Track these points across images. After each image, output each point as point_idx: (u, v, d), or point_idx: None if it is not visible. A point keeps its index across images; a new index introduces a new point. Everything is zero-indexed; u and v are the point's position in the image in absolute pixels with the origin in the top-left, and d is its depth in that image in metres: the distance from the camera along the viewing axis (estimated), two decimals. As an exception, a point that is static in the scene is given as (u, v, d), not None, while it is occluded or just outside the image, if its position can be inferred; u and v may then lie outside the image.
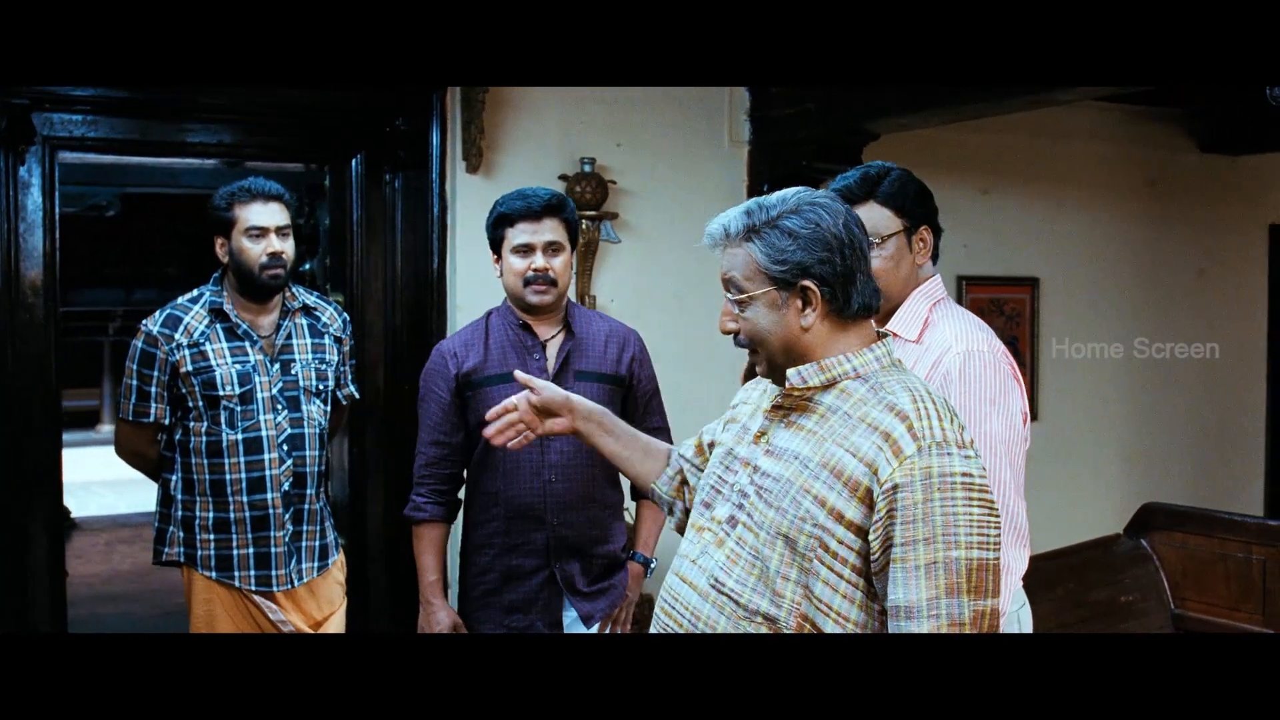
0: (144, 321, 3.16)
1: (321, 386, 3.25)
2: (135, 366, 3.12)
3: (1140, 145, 6.00)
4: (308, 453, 3.18)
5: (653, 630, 1.97)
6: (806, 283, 1.79)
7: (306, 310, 3.29)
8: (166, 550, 3.19)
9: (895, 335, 2.50)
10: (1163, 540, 3.05)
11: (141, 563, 7.45)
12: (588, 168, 4.45)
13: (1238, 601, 2.95)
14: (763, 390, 1.98)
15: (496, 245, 2.95)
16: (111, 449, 3.38)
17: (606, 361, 2.94)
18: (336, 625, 3.29)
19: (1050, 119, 5.20)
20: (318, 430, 3.22)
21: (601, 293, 4.55)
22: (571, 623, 2.92)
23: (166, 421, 3.14)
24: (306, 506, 3.20)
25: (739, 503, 1.87)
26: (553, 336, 2.93)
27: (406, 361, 4.38)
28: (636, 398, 2.98)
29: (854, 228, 1.82)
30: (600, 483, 2.90)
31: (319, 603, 3.26)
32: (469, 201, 4.32)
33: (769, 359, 1.88)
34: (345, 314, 3.45)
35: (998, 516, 1.71)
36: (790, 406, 1.85)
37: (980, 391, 2.32)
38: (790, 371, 1.85)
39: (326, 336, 3.31)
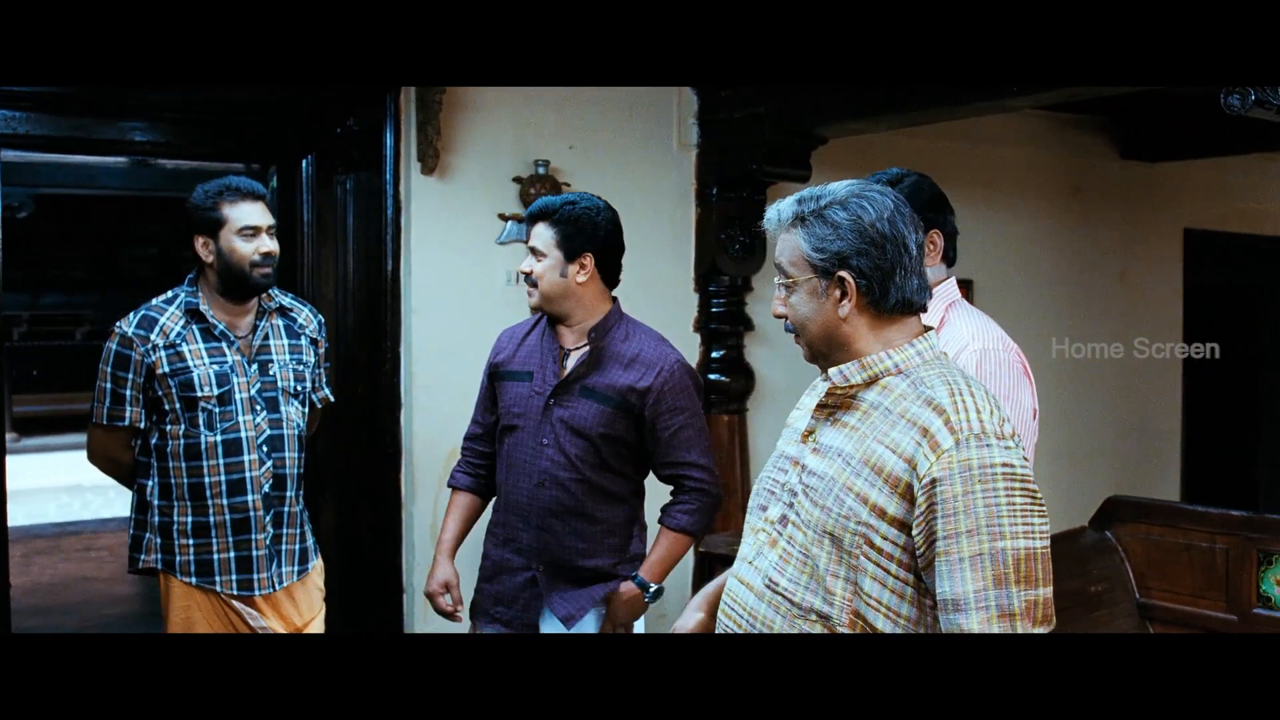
0: (118, 323, 3.09)
1: (299, 388, 3.21)
2: (109, 369, 3.05)
3: (1066, 152, 6.19)
4: (287, 454, 3.15)
5: (717, 631, 1.99)
6: (843, 273, 1.82)
7: (283, 311, 3.25)
8: (143, 557, 3.12)
9: None
10: (1127, 532, 3.16)
11: (63, 574, 7.26)
12: (542, 169, 4.45)
13: (1202, 589, 3.07)
14: (815, 392, 2.02)
15: None
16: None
17: (617, 386, 2.87)
18: (316, 631, 3.26)
19: (983, 126, 5.33)
20: (296, 432, 3.19)
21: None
22: (549, 628, 2.92)
23: (142, 425, 3.08)
24: (286, 509, 3.17)
25: (789, 502, 1.90)
26: (579, 347, 2.94)
27: (359, 365, 4.35)
28: (657, 431, 2.90)
29: (900, 224, 1.83)
30: (595, 497, 2.87)
31: (299, 608, 3.22)
32: (424, 203, 4.30)
33: (809, 345, 1.92)
34: (320, 316, 3.41)
35: (1042, 505, 1.73)
36: (835, 405, 1.88)
37: (994, 387, 2.39)
38: (832, 370, 1.88)
39: (303, 338, 3.27)
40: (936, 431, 1.73)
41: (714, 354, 4.93)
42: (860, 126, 4.57)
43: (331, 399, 3.46)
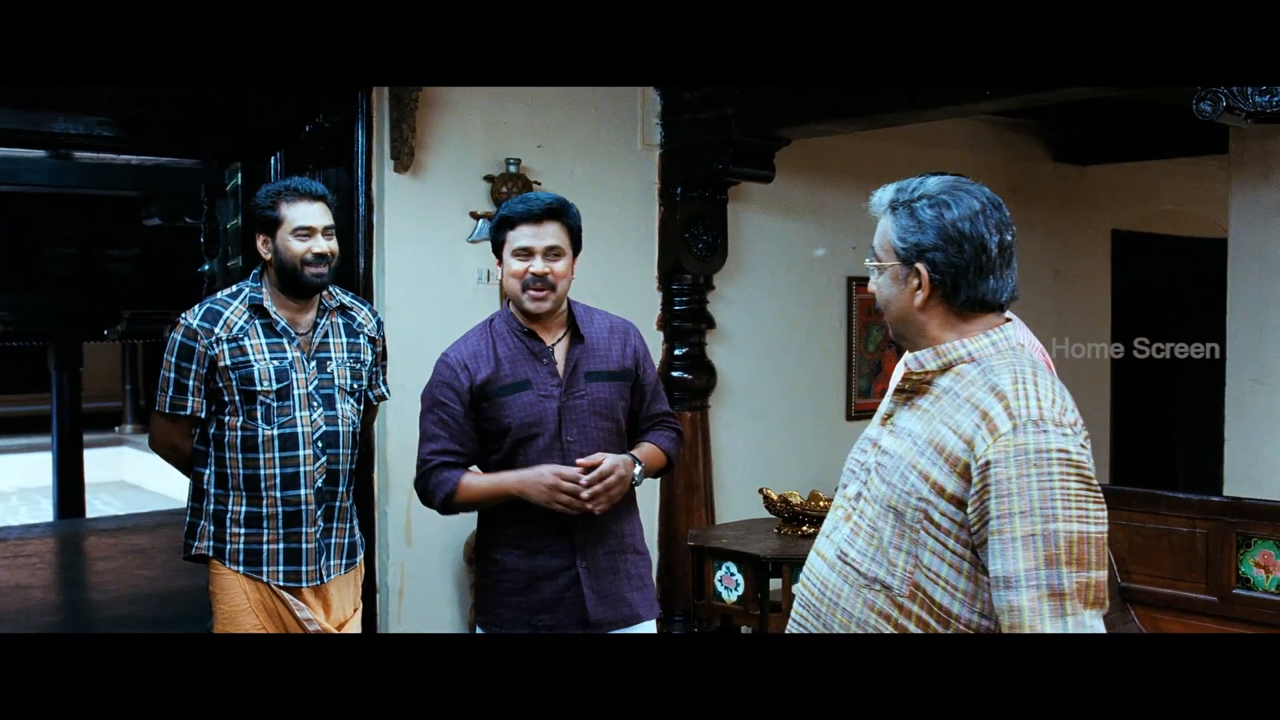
0: (183, 315, 3.13)
1: (356, 385, 3.21)
2: (174, 360, 3.08)
3: (1003, 155, 6.37)
4: (341, 450, 3.16)
5: (795, 603, 2.05)
6: (920, 265, 1.89)
7: (343, 310, 3.27)
8: (196, 544, 3.15)
9: None
10: (1109, 519, 3.26)
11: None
12: (513, 168, 4.47)
13: (1182, 572, 3.20)
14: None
15: (498, 249, 2.92)
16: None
17: (612, 358, 2.94)
18: (354, 628, 3.27)
19: (927, 129, 5.47)
20: (351, 429, 3.19)
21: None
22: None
23: (203, 415, 3.10)
24: (338, 504, 3.18)
25: (864, 479, 1.98)
26: (559, 340, 2.92)
27: (329, 363, 4.31)
28: (643, 387, 3.00)
29: (983, 226, 1.87)
30: None
31: (344, 603, 3.23)
32: (397, 201, 4.28)
33: (890, 325, 2.01)
34: (379, 315, 3.41)
35: (1098, 492, 1.78)
36: (912, 390, 1.96)
37: None
38: (908, 357, 1.97)
39: (361, 336, 3.27)
40: (996, 416, 1.79)
41: (677, 351, 4.99)
42: (825, 128, 4.66)
43: (387, 396, 3.44)
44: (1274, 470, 4.75)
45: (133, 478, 14.28)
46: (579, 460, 2.80)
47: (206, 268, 5.43)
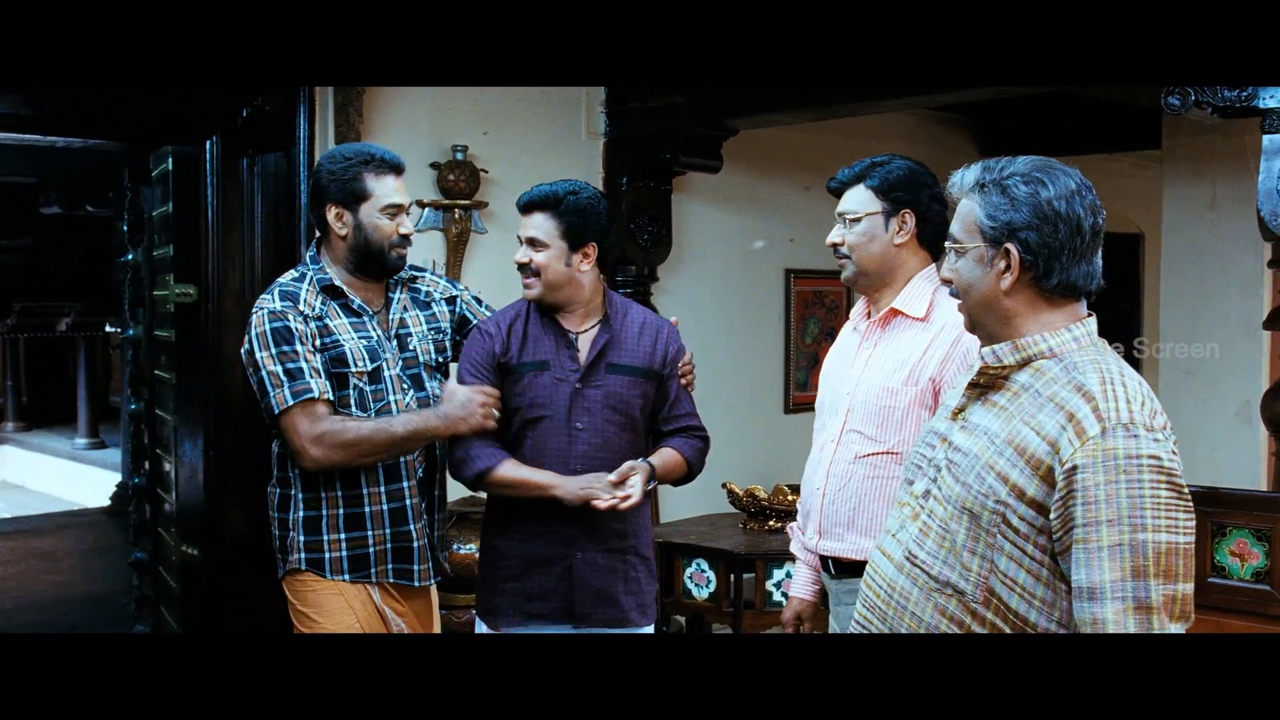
0: (257, 306, 2.80)
1: (441, 360, 2.98)
2: (273, 350, 2.71)
3: (932, 148, 6.40)
4: None
5: (858, 604, 1.97)
6: (1010, 245, 1.81)
7: (407, 282, 3.01)
8: (290, 558, 2.82)
9: (902, 313, 2.62)
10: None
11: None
12: (460, 155, 4.34)
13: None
14: (969, 369, 2.01)
15: None
16: None
17: (640, 354, 2.89)
18: None
19: (860, 122, 5.48)
20: None
21: (470, 284, 4.44)
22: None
23: (331, 397, 2.73)
24: (437, 494, 2.96)
25: (933, 477, 1.89)
26: (585, 330, 2.89)
27: (269, 357, 4.13)
28: (667, 388, 2.94)
29: (1079, 207, 1.81)
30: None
31: (434, 617, 3.03)
32: (342, 188, 4.12)
33: (969, 313, 1.91)
34: (441, 274, 3.13)
35: (1188, 500, 1.71)
36: (987, 384, 1.88)
37: None
38: (984, 350, 1.88)
39: (434, 305, 3.02)
40: (1084, 418, 1.71)
41: (621, 344, 4.90)
42: (777, 118, 4.63)
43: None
44: (1208, 461, 4.86)
45: (14, 477, 13.69)
46: (610, 477, 2.73)
47: (130, 257, 5.17)
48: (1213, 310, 4.98)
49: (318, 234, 2.93)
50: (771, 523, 4.23)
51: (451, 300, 3.08)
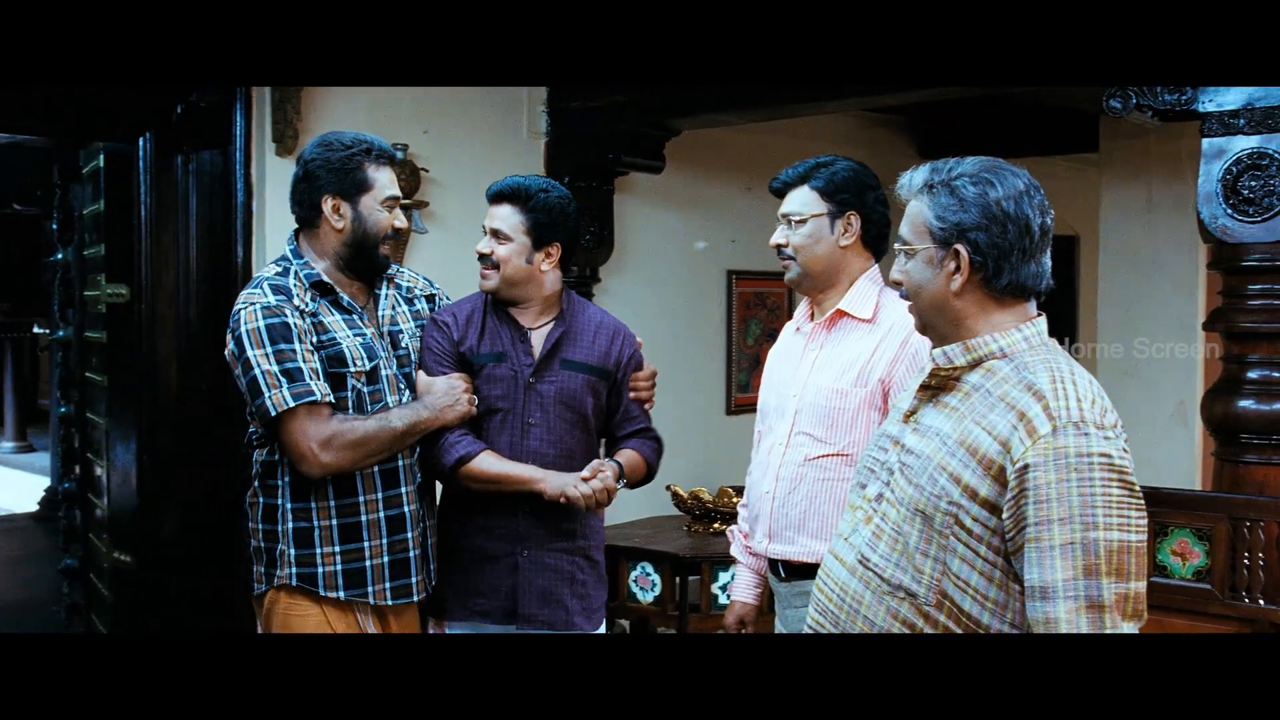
0: (246, 301, 2.58)
1: None
2: (269, 349, 2.51)
3: (872, 150, 6.42)
4: (431, 436, 2.73)
5: (810, 608, 1.95)
6: (959, 246, 1.80)
7: (389, 279, 2.87)
8: (278, 573, 2.63)
9: (848, 315, 2.62)
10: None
11: None
12: (400, 154, 4.26)
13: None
14: (920, 370, 2.00)
15: None
16: None
17: (594, 353, 2.87)
18: None
19: (801, 124, 5.49)
20: None
21: (410, 285, 4.39)
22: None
23: (332, 400, 2.55)
24: (428, 499, 2.84)
25: (886, 480, 1.88)
26: (540, 325, 2.86)
27: (203, 359, 4.05)
28: (620, 391, 2.92)
29: (1028, 207, 1.80)
30: (577, 469, 2.79)
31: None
32: (280, 186, 4.01)
33: (919, 315, 1.91)
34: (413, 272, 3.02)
35: (1140, 498, 1.70)
36: (938, 386, 1.87)
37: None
38: (935, 352, 1.87)
39: (416, 301, 2.90)
40: (1034, 417, 1.71)
41: (563, 346, 4.87)
42: (721, 118, 4.62)
43: None
44: (1143, 461, 4.89)
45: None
46: (583, 474, 2.70)
47: (60, 256, 5.04)
48: (1149, 311, 5.04)
49: (296, 227, 2.77)
50: (716, 525, 4.21)
51: (430, 299, 2.98)
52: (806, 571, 2.49)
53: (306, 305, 2.61)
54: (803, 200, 2.69)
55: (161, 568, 4.07)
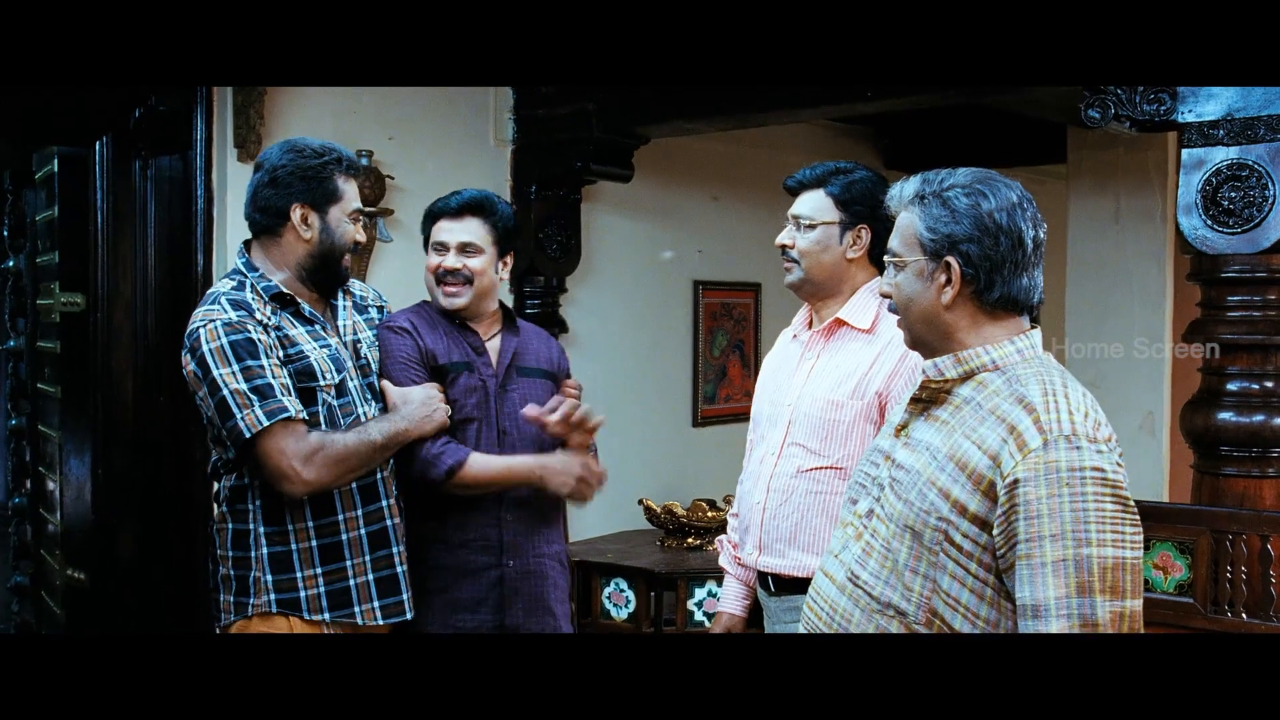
0: (203, 319, 2.45)
1: None
2: (234, 367, 2.39)
3: (838, 159, 6.40)
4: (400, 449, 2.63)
5: (800, 626, 1.90)
6: (950, 258, 1.76)
7: (345, 290, 2.78)
8: (252, 601, 2.48)
9: (847, 324, 2.57)
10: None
11: None
12: (365, 160, 4.18)
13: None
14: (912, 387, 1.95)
15: (426, 244, 2.88)
16: None
17: (544, 359, 2.93)
18: None
19: (769, 133, 5.46)
20: None
21: (375, 294, 4.30)
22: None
23: (305, 416, 2.44)
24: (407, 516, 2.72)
25: (877, 495, 1.84)
26: (491, 337, 2.87)
27: (162, 371, 3.95)
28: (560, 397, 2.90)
29: (1020, 220, 1.76)
30: None
31: None
32: (241, 192, 3.92)
33: (909, 329, 1.86)
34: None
35: (1135, 514, 1.65)
36: (929, 399, 1.82)
37: None
38: (926, 364, 1.83)
39: (369, 310, 2.80)
40: (1025, 430, 1.66)
41: (530, 356, 4.79)
42: (691, 127, 4.56)
43: None
44: (1112, 471, 4.91)
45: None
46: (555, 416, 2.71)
47: (10, 264, 4.91)
48: (1116, 322, 5.04)
49: (250, 236, 2.66)
50: (690, 540, 4.14)
51: (381, 309, 2.89)
52: (796, 586, 2.43)
53: (269, 319, 2.51)
54: (815, 205, 2.66)
55: (117, 585, 3.96)
